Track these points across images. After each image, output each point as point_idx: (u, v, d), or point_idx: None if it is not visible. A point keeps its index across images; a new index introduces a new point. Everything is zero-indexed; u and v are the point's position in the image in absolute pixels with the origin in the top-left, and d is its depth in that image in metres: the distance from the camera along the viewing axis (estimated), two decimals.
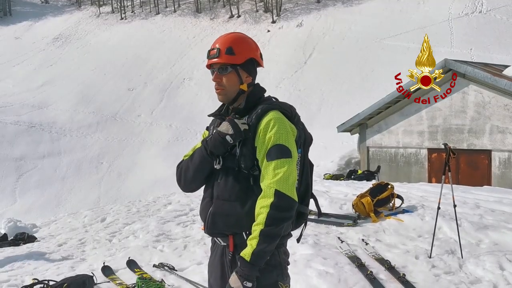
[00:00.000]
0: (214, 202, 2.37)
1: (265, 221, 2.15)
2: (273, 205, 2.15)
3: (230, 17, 58.19)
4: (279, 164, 2.21)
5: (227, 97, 2.41)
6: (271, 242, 2.17)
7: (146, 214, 8.33)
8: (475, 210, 7.22)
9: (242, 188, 2.30)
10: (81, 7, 73.24)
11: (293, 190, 2.22)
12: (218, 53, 2.38)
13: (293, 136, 2.32)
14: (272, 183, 2.18)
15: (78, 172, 33.20)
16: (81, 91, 45.13)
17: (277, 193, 2.16)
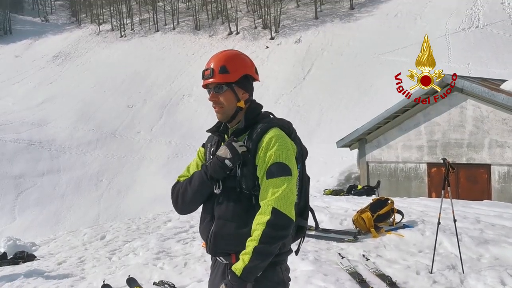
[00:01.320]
0: (216, 222, 2.36)
1: (259, 238, 2.15)
2: (269, 223, 2.16)
3: (229, 34, 58.66)
4: (279, 182, 2.21)
5: (225, 115, 2.41)
6: (263, 259, 2.17)
7: (146, 231, 8.30)
8: (475, 225, 7.21)
9: (244, 207, 2.30)
10: (81, 25, 73.88)
11: (291, 209, 2.21)
12: (212, 73, 2.38)
13: (294, 153, 2.33)
14: (270, 201, 2.19)
15: (78, 190, 33.15)
16: (81, 109, 45.30)
17: (274, 211, 2.16)
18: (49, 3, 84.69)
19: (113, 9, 70.68)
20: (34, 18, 79.79)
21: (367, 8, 53.19)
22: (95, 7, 74.42)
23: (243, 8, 63.18)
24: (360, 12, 53.09)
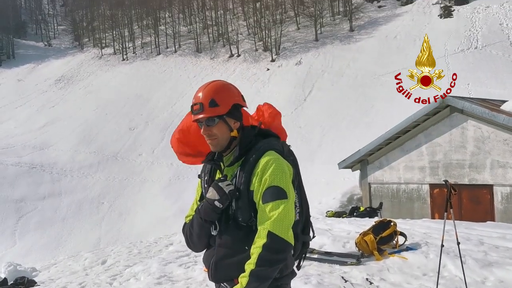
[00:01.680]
0: (217, 250, 2.38)
1: (256, 262, 2.16)
2: (265, 246, 2.16)
3: (230, 56, 59.21)
4: (275, 205, 2.21)
5: (220, 146, 2.41)
6: (261, 282, 2.16)
7: (148, 255, 8.24)
8: (479, 247, 7.15)
9: (244, 234, 2.31)
10: (83, 49, 74.68)
11: (288, 232, 2.20)
12: (202, 108, 2.38)
13: (290, 175, 2.33)
14: (266, 225, 2.19)
15: (79, 213, 33.02)
16: (83, 131, 45.48)
17: (269, 235, 2.17)
18: (52, 28, 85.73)
19: (115, 33, 71.54)
20: (37, 42, 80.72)
21: (367, 30, 53.82)
22: (97, 32, 75.34)
23: (244, 31, 63.89)
24: (360, 34, 53.70)
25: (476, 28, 46.04)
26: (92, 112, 50.02)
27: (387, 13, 56.79)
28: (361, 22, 56.43)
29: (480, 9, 49.74)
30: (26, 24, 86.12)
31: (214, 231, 2.38)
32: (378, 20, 55.40)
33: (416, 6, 55.85)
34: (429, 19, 51.10)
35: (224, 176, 2.38)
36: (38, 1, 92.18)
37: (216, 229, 2.38)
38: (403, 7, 56.87)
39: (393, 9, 57.32)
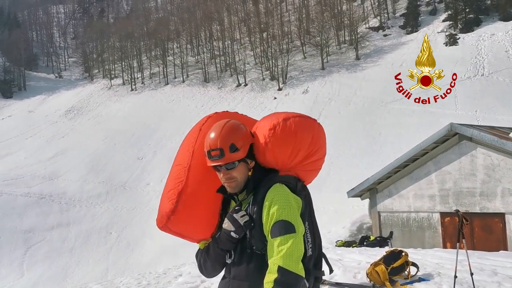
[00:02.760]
0: (231, 283, 2.41)
1: None
2: (277, 281, 2.16)
3: (238, 86, 59.84)
4: (283, 240, 2.22)
5: (239, 187, 2.40)
6: None
7: (157, 286, 8.17)
8: (492, 277, 7.02)
9: (257, 266, 2.33)
10: (93, 80, 75.93)
11: (298, 265, 2.21)
12: (222, 154, 2.32)
13: (298, 208, 2.33)
14: (276, 260, 2.19)
15: (87, 243, 32.90)
16: (91, 161, 45.76)
17: (280, 270, 2.17)
18: (63, 60, 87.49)
19: (124, 64, 72.77)
20: (48, 74, 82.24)
21: (373, 59, 54.31)
22: (107, 63, 76.74)
23: (251, 60, 64.72)
24: (366, 62, 54.18)
25: (482, 56, 46.31)
26: (101, 142, 50.45)
27: (393, 41, 57.39)
28: (367, 50, 57.02)
29: (486, 36, 50.14)
30: (38, 57, 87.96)
31: (229, 259, 2.42)
32: (383, 49, 55.95)
33: (422, 34, 56.37)
34: (435, 47, 51.43)
35: (239, 205, 2.40)
36: (49, 34, 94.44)
37: (231, 257, 2.41)
38: (408, 35, 57.47)
39: (399, 38, 57.94)
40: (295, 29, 66.02)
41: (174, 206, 2.38)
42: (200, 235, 2.52)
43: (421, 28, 57.92)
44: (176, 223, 2.41)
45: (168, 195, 2.44)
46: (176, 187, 2.41)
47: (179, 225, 2.43)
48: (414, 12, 59.43)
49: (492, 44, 48.17)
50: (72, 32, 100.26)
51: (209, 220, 2.49)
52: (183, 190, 2.40)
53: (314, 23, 64.37)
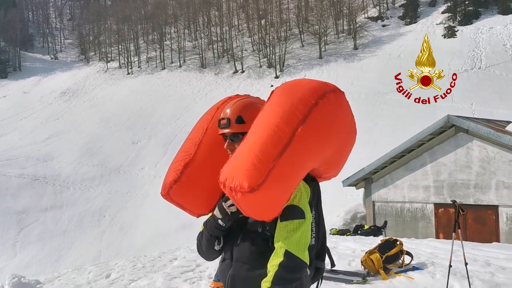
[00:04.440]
0: (234, 264, 2.40)
1: (272, 280, 2.17)
2: (282, 265, 2.17)
3: (234, 72, 59.60)
4: (292, 225, 2.23)
5: None
6: None
7: (152, 269, 8.20)
8: (486, 268, 7.11)
9: (260, 251, 2.33)
10: (89, 63, 75.36)
11: (304, 252, 2.22)
12: (228, 123, 2.41)
13: (307, 196, 2.35)
14: (284, 244, 2.21)
15: (80, 226, 32.93)
16: (86, 144, 45.62)
17: (287, 254, 2.18)
18: (59, 41, 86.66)
19: (121, 48, 72.21)
20: (43, 55, 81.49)
21: (371, 49, 54.21)
22: (103, 46, 76.12)
23: (248, 47, 64.40)
24: (364, 52, 54.08)
25: (480, 49, 46.35)
26: (96, 125, 50.25)
27: (391, 32, 57.26)
28: (365, 40, 56.89)
29: (484, 29, 50.14)
30: (33, 37, 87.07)
31: (218, 246, 2.42)
32: (382, 39, 55.84)
33: (420, 25, 56.32)
34: (433, 39, 51.39)
35: None
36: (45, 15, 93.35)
37: (220, 244, 2.42)
38: (407, 26, 57.35)
39: (397, 29, 57.82)
40: (294, 17, 65.65)
41: (178, 176, 2.46)
42: (199, 209, 2.59)
43: (420, 20, 57.80)
44: (178, 193, 2.49)
45: (174, 165, 2.52)
46: (183, 159, 2.50)
47: (180, 196, 2.51)
48: (414, 3, 59.23)
49: (490, 37, 48.21)
50: (69, 13, 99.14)
51: (210, 196, 2.53)
52: (190, 162, 2.48)
53: (313, 11, 64.03)
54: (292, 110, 2.18)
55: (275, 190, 2.11)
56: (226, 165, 2.22)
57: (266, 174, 2.06)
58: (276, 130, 2.13)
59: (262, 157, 2.08)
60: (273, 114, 2.20)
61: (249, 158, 2.10)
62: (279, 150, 2.10)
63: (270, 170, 2.06)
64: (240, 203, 2.16)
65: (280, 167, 2.08)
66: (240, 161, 2.14)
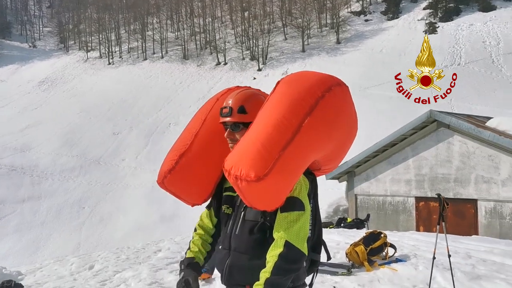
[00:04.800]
0: (232, 254, 2.40)
1: (271, 270, 2.17)
2: (282, 255, 2.18)
3: (217, 64, 59.32)
4: (293, 216, 2.24)
5: None
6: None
7: (136, 261, 8.15)
8: (467, 260, 7.27)
9: (259, 241, 2.33)
10: (69, 52, 74.06)
11: (303, 243, 2.24)
12: (230, 112, 2.41)
13: (306, 189, 2.36)
14: (284, 234, 2.21)
15: (59, 217, 32.53)
16: (65, 135, 44.95)
17: (287, 244, 2.19)
18: (37, 29, 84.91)
19: (101, 37, 71.13)
20: (21, 43, 79.75)
21: (353, 43, 54.52)
22: (83, 34, 74.88)
23: (231, 39, 64.13)
24: (346, 46, 54.37)
25: (459, 45, 47.02)
26: (76, 115, 49.53)
27: (374, 27, 57.67)
28: (348, 35, 57.17)
29: (464, 26, 50.86)
30: (11, 25, 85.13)
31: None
32: (364, 34, 56.21)
33: (402, 21, 56.83)
34: (414, 34, 52.02)
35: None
36: (24, 2, 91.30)
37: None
38: (389, 21, 57.83)
39: (380, 24, 58.25)
40: (277, 10, 65.55)
41: (173, 166, 2.48)
42: (193, 199, 2.61)
43: (402, 15, 58.32)
44: (172, 182, 2.51)
45: (171, 155, 2.55)
46: (180, 149, 2.52)
47: (175, 185, 2.53)
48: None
49: (470, 34, 48.95)
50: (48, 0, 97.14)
51: (204, 187, 2.56)
52: (185, 153, 2.50)
53: (297, 5, 64.02)
54: (299, 102, 2.18)
55: (280, 180, 2.12)
56: (232, 153, 2.23)
57: (272, 164, 2.06)
58: (283, 121, 2.14)
59: (269, 147, 2.09)
60: (280, 105, 2.20)
61: (255, 147, 2.11)
62: (286, 140, 2.10)
63: (276, 160, 2.07)
64: (244, 191, 2.16)
65: (286, 158, 2.09)
66: (246, 150, 2.14)
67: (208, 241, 2.61)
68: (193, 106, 47.30)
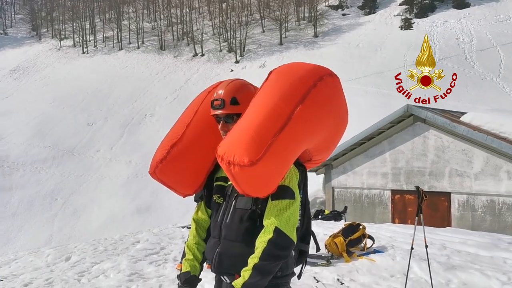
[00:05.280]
0: (222, 242, 2.42)
1: (260, 255, 2.21)
2: (271, 241, 2.21)
3: (194, 56, 58.84)
4: (283, 204, 2.27)
5: None
6: (263, 277, 2.21)
7: (115, 252, 8.07)
8: (442, 251, 7.44)
9: (249, 229, 2.35)
10: (41, 40, 72.31)
11: (293, 231, 2.26)
12: (223, 104, 2.42)
13: (297, 179, 2.39)
14: (274, 221, 2.24)
15: (30, 209, 31.91)
16: (38, 125, 43.98)
17: (276, 231, 2.22)
18: (9, 16, 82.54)
19: (75, 25, 69.66)
20: None
21: (331, 37, 54.83)
22: (57, 22, 73.18)
23: (209, 30, 63.68)
24: (324, 40, 54.64)
25: (434, 41, 47.77)
26: (49, 105, 48.48)
27: (351, 21, 58.08)
28: (325, 28, 57.46)
29: (439, 23, 51.69)
30: None
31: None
32: (341, 28, 56.57)
33: (379, 16, 57.41)
34: (391, 29, 52.64)
35: None
36: None
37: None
38: (366, 16, 58.33)
39: (357, 18, 58.70)
40: (255, 2, 65.32)
41: (164, 156, 2.49)
42: (184, 189, 2.62)
43: (379, 10, 58.88)
44: (163, 172, 2.52)
45: (163, 145, 2.56)
46: (172, 140, 2.53)
47: (166, 175, 2.54)
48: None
49: (444, 30, 49.79)
50: None
51: (195, 177, 2.57)
52: (177, 143, 2.51)
53: None
54: (291, 90, 2.22)
55: (273, 165, 2.15)
56: (224, 140, 2.25)
57: (265, 149, 2.10)
58: (276, 108, 2.17)
59: (261, 133, 2.12)
60: (272, 93, 2.24)
61: (248, 134, 2.14)
62: (278, 127, 2.14)
63: (269, 146, 2.11)
64: (237, 177, 2.17)
65: (278, 144, 2.13)
66: (239, 137, 2.17)
67: (202, 237, 2.61)
68: (169, 97, 46.84)
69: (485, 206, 12.27)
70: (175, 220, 22.54)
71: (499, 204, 12.05)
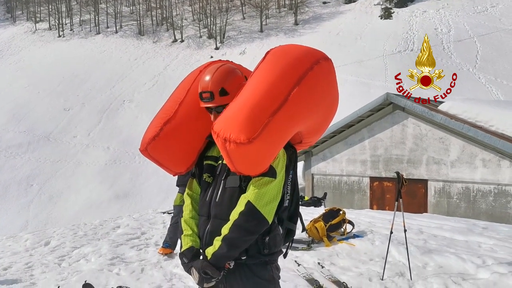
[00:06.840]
0: (212, 221, 2.44)
1: (230, 227, 2.27)
2: (241, 214, 2.26)
3: (174, 41, 58.18)
4: (262, 181, 2.30)
5: None
6: (230, 249, 2.27)
7: (95, 237, 8.02)
8: (419, 235, 7.62)
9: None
10: (16, 23, 70.45)
11: (265, 207, 2.28)
12: (212, 97, 2.42)
13: (284, 161, 2.42)
14: (248, 195, 2.29)
15: (5, 194, 31.37)
16: (12, 109, 43.04)
17: (248, 204, 2.26)
18: None
19: (51, 8, 68.03)
20: None
21: (311, 25, 54.85)
22: (32, 4, 71.33)
23: (188, 16, 62.97)
24: (304, 28, 54.64)
25: (413, 31, 48.25)
26: (23, 89, 47.44)
27: (331, 9, 58.16)
28: (306, 16, 57.43)
29: (418, 13, 52.15)
30: None
31: None
32: (322, 16, 56.62)
33: (359, 5, 57.61)
34: (371, 19, 52.92)
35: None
36: None
37: None
38: (347, 5, 58.47)
39: (337, 6, 58.80)
40: None
41: (157, 133, 2.50)
42: (176, 167, 2.64)
43: None
44: (155, 149, 2.54)
45: (154, 122, 2.56)
46: (164, 117, 2.54)
47: (157, 152, 2.56)
48: None
49: (423, 20, 50.28)
50: None
51: (187, 155, 2.60)
52: (169, 120, 2.52)
53: None
54: (288, 72, 2.24)
55: (268, 144, 2.19)
56: (220, 117, 2.26)
57: (262, 127, 2.13)
58: (272, 89, 2.20)
59: (258, 112, 2.14)
60: (269, 73, 2.25)
61: (244, 112, 2.16)
62: (275, 107, 2.16)
63: (265, 125, 2.13)
64: (231, 154, 2.20)
65: (274, 123, 2.15)
66: (236, 114, 2.18)
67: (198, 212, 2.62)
68: (148, 83, 46.29)
69: (460, 193, 12.57)
70: (155, 206, 22.47)
71: (473, 191, 12.36)
